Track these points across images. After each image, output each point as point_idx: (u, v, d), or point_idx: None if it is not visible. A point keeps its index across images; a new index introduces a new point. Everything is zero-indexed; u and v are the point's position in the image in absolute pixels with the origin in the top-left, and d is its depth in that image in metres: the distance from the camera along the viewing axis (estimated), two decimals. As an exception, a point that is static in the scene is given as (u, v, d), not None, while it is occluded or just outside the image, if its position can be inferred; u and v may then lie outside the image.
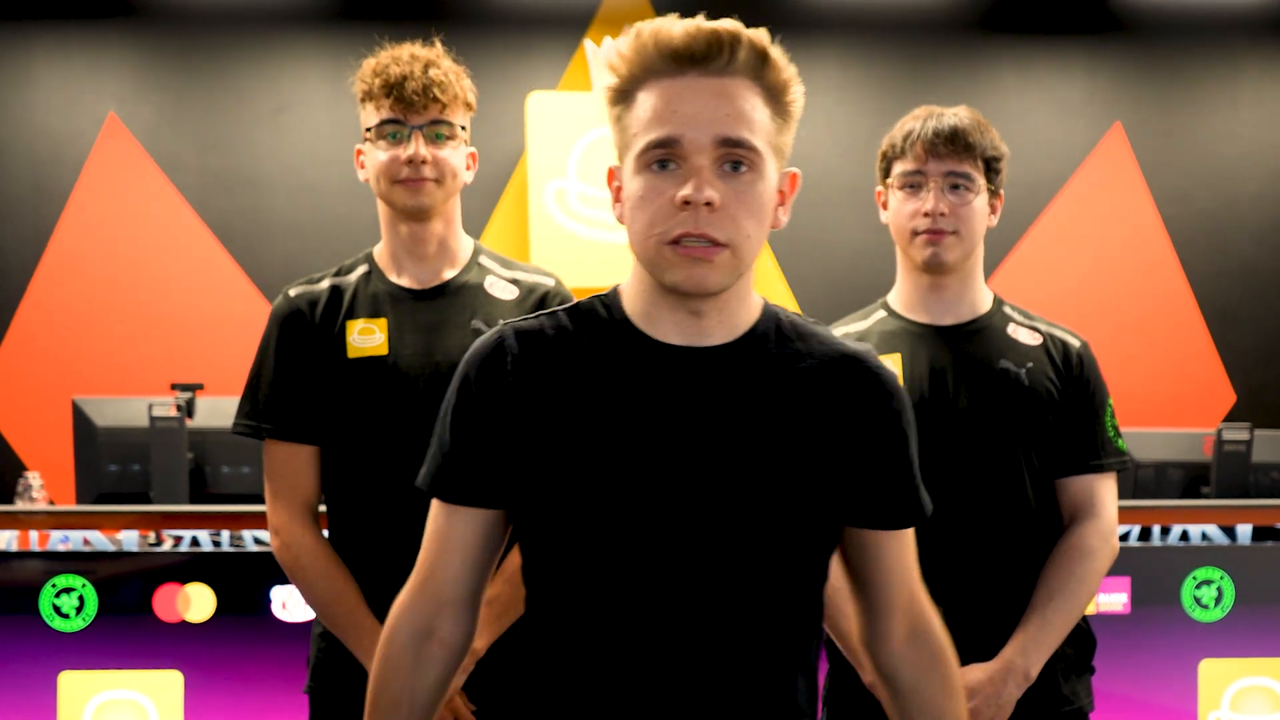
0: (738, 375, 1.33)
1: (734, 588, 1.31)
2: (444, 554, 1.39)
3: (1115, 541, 2.03)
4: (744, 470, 1.31)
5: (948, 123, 1.99)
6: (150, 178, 5.27)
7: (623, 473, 1.30)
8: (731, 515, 1.30)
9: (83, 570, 2.74)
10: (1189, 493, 3.34)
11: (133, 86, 5.31)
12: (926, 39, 5.53)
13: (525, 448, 1.33)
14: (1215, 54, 5.66)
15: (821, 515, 1.34)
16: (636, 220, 1.30)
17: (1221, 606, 2.83)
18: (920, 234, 1.99)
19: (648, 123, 1.28)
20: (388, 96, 1.96)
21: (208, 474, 3.32)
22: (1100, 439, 2.02)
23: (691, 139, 1.27)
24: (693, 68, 1.28)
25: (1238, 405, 5.58)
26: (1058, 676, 2.00)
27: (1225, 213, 5.67)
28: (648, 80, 1.30)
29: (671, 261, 1.28)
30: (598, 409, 1.32)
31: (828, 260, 5.44)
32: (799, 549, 1.34)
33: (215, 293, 5.28)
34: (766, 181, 1.30)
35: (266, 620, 2.76)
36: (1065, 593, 1.96)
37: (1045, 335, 2.05)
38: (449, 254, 2.06)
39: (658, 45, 1.28)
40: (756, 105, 1.29)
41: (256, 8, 5.29)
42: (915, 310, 2.06)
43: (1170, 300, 5.64)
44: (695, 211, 1.26)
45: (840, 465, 1.34)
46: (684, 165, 1.28)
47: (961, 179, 1.98)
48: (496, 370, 1.34)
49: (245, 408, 2.05)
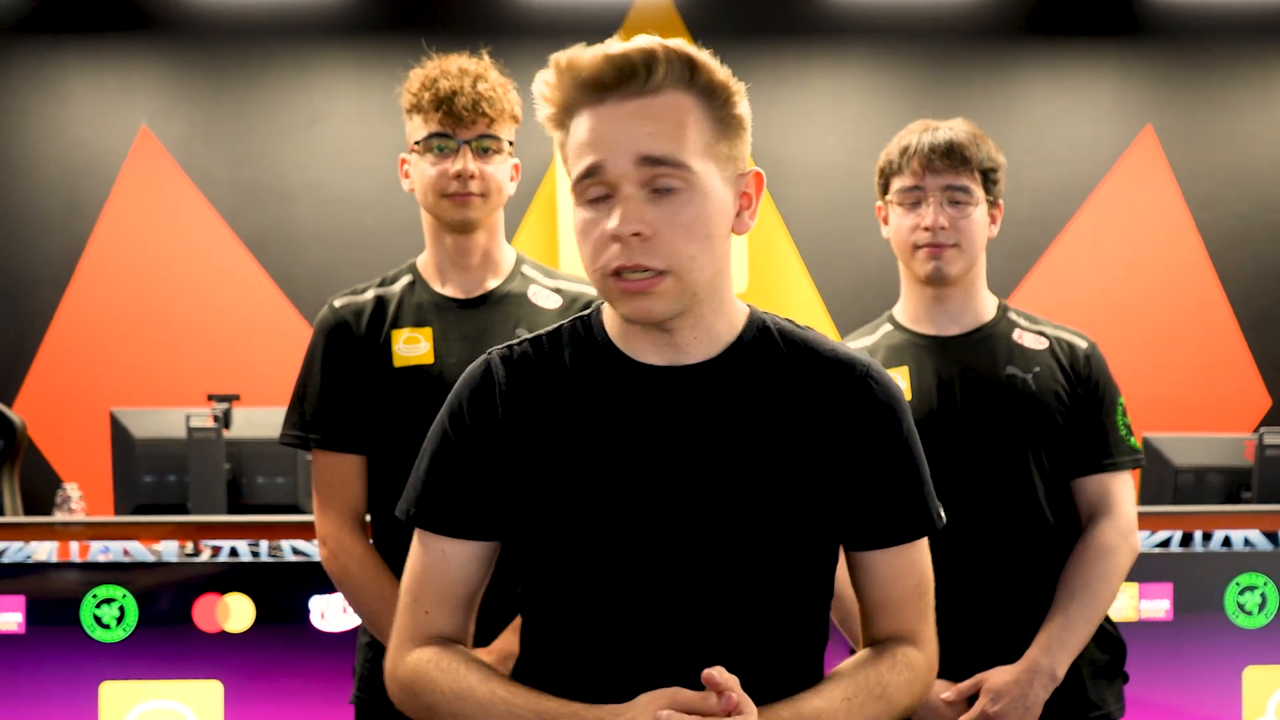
0: (720, 392, 1.30)
1: (732, 608, 1.29)
2: (430, 586, 1.34)
3: (1135, 540, 2.03)
4: (727, 491, 1.28)
5: (943, 136, 2.00)
6: (182, 190, 5.30)
7: (611, 499, 1.28)
8: (722, 536, 1.28)
9: (123, 581, 2.76)
10: (1230, 498, 3.31)
11: (165, 99, 5.34)
12: (956, 43, 5.51)
13: (516, 477, 1.31)
14: (1246, 55, 5.62)
15: (817, 533, 1.31)
16: (582, 254, 1.28)
17: (1265, 613, 2.81)
18: (921, 248, 2.01)
19: (575, 155, 1.26)
20: (437, 110, 1.97)
21: (244, 484, 3.33)
22: (1113, 438, 2.03)
23: (612, 163, 1.24)
24: (611, 93, 1.24)
25: (1274, 409, 5.54)
26: (1085, 681, 2.00)
27: (1259, 215, 5.62)
28: (575, 109, 1.27)
29: (616, 295, 1.26)
30: (583, 434, 1.30)
31: (857, 265, 5.42)
32: (797, 567, 1.31)
33: (246, 304, 5.31)
34: (706, 197, 1.25)
35: (306, 630, 2.76)
36: (1087, 592, 1.96)
37: (1051, 339, 2.06)
38: (493, 264, 2.07)
39: (573, 77, 1.25)
40: (689, 118, 1.24)
41: (287, 21, 5.32)
42: (920, 322, 2.08)
43: (1204, 304, 5.60)
44: (626, 244, 1.23)
45: (834, 479, 1.30)
46: (614, 194, 1.24)
47: (960, 192, 2.00)
48: (486, 400, 1.32)
49: (292, 418, 2.06)
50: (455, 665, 1.31)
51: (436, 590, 1.35)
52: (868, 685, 1.31)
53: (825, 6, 5.35)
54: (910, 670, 1.34)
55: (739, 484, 1.28)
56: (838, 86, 5.41)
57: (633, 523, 1.28)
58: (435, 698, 1.30)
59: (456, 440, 1.33)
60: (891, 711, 1.32)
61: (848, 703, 1.28)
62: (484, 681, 1.29)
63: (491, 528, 1.34)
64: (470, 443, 1.32)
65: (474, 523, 1.33)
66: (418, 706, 1.33)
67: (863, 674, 1.32)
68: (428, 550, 1.35)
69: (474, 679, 1.29)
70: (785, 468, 1.29)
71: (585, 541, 1.29)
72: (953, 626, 1.95)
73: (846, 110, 5.44)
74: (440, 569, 1.34)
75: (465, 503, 1.33)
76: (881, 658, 1.34)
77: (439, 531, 1.34)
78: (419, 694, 1.32)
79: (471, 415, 1.32)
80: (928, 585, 1.38)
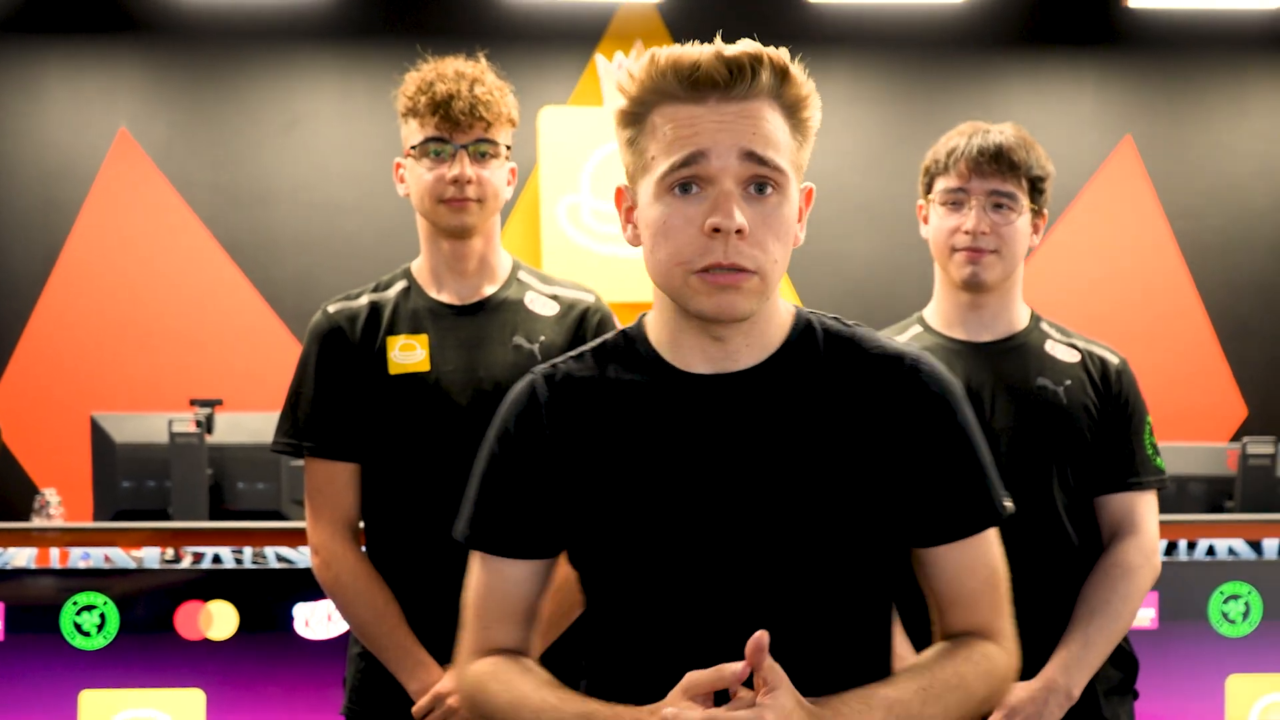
0: (770, 397, 1.29)
1: (796, 612, 1.28)
2: (490, 603, 1.37)
3: (1157, 560, 2.00)
4: (784, 496, 1.27)
5: (993, 140, 1.97)
6: (161, 193, 5.26)
7: (668, 512, 1.28)
8: (782, 542, 1.27)
9: (104, 588, 2.72)
10: (1212, 507, 3.34)
11: (144, 102, 5.30)
12: (938, 52, 5.54)
13: (570, 495, 1.31)
14: (1224, 67, 5.67)
15: (879, 532, 1.30)
16: (659, 249, 1.26)
17: (1249, 621, 2.82)
18: (960, 251, 1.98)
19: (669, 145, 1.25)
20: (433, 114, 1.94)
21: (226, 490, 3.30)
22: (1139, 457, 2.00)
23: (718, 154, 1.23)
24: (713, 93, 1.24)
25: (1250, 419, 5.58)
26: (1099, 698, 1.99)
27: (1236, 226, 5.67)
28: (663, 104, 1.26)
29: (699, 290, 1.25)
30: (634, 449, 1.29)
31: (839, 274, 5.43)
32: (860, 567, 1.30)
33: (226, 309, 5.27)
34: (790, 202, 1.27)
35: (289, 638, 2.74)
36: (1108, 611, 1.94)
37: (1084, 352, 2.03)
38: (489, 270, 2.05)
39: (676, 71, 1.25)
40: (778, 125, 1.26)
41: (268, 24, 5.29)
42: (952, 326, 2.04)
43: (1182, 314, 5.64)
44: (725, 239, 1.23)
45: (891, 477, 1.29)
46: (708, 189, 1.24)
47: (1005, 198, 1.97)
48: (533, 421, 1.33)
49: (285, 425, 2.03)
50: (511, 675, 1.33)
51: (496, 607, 1.37)
52: (943, 675, 1.28)
53: (809, 14, 5.36)
54: (988, 661, 1.31)
55: (795, 488, 1.27)
56: (820, 94, 5.40)
57: (693, 534, 1.28)
58: (493, 706, 1.33)
59: (506, 462, 1.34)
60: (968, 703, 1.28)
61: (922, 692, 1.25)
62: (536, 690, 1.31)
63: (546, 546, 1.36)
64: (520, 464, 1.33)
65: (528, 542, 1.35)
66: (480, 715, 1.36)
67: (938, 664, 1.29)
68: (486, 570, 1.37)
69: (527, 687, 1.31)
70: (841, 468, 1.28)
71: (647, 555, 1.29)
72: None
73: (829, 118, 5.39)
74: (498, 587, 1.37)
75: (518, 524, 1.34)
76: (958, 649, 1.31)
77: (494, 553, 1.36)
78: (479, 704, 1.35)
79: (519, 437, 1.33)
80: (1000, 577, 1.35)
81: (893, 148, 5.46)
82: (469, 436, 1.94)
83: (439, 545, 1.97)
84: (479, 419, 1.95)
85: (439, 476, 1.95)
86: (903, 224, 5.70)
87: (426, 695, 1.95)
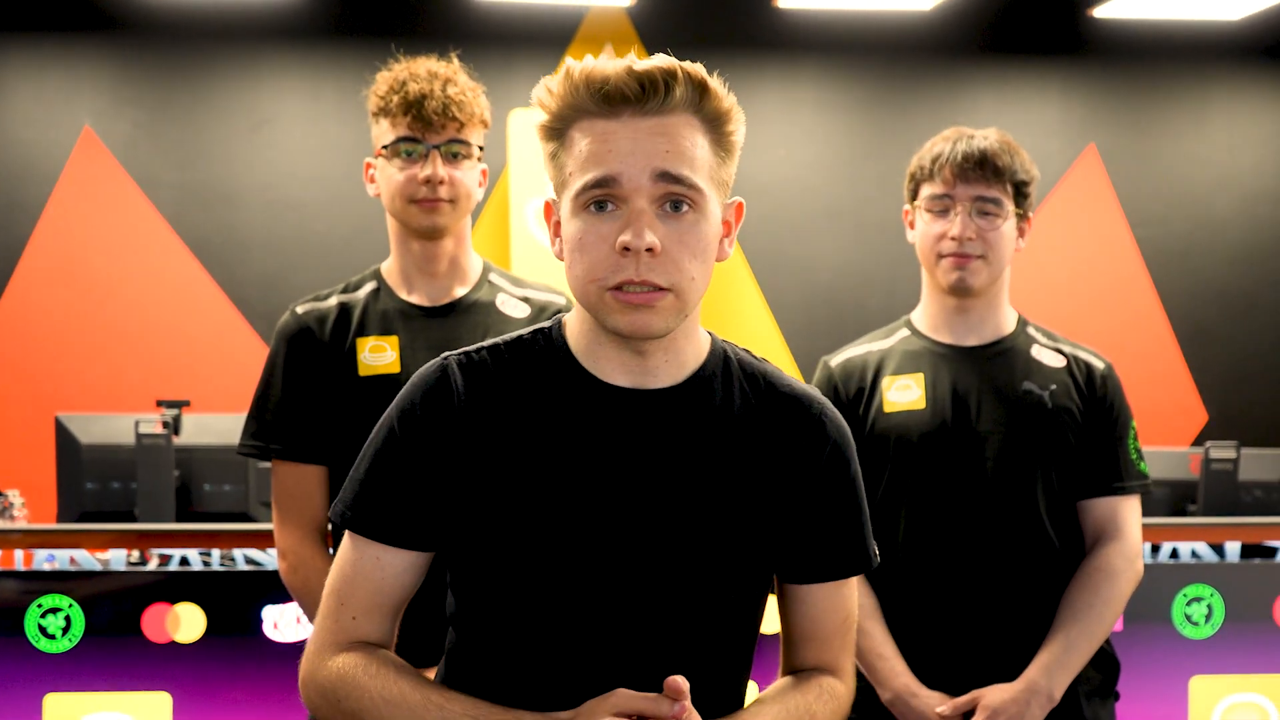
0: (682, 420, 1.30)
1: (666, 631, 1.29)
2: (359, 591, 1.30)
3: (1140, 564, 2.02)
4: (680, 517, 1.28)
5: (977, 146, 1.98)
6: (126, 193, 5.21)
7: (563, 516, 1.27)
8: (665, 561, 1.28)
9: (69, 590, 2.69)
10: (1175, 510, 3.37)
11: (109, 100, 5.25)
12: (905, 60, 5.58)
13: (466, 488, 1.28)
14: (1187, 77, 5.75)
15: (756, 563, 1.32)
16: (575, 264, 1.26)
17: (1212, 623, 2.86)
18: (946, 257, 1.99)
19: (584, 162, 1.24)
20: (406, 114, 1.93)
21: (192, 492, 3.28)
22: (1123, 461, 2.02)
23: (630, 177, 1.23)
24: (627, 107, 1.23)
25: (1210, 425, 5.65)
26: (1080, 699, 2.00)
27: (1198, 234, 5.75)
28: (580, 119, 1.25)
29: (613, 308, 1.25)
30: (541, 449, 1.28)
31: (807, 280, 5.46)
32: (733, 594, 1.32)
33: (191, 309, 5.23)
34: (709, 220, 1.26)
35: (258, 641, 2.72)
36: (1090, 614, 1.96)
37: (1069, 357, 2.05)
38: (460, 271, 2.05)
39: (589, 86, 1.24)
40: (697, 141, 1.25)
41: (235, 22, 5.26)
42: (939, 331, 2.06)
43: (1144, 321, 5.71)
44: (636, 258, 1.22)
45: (779, 512, 1.32)
46: (622, 207, 1.24)
47: (990, 203, 1.98)
48: (442, 405, 1.29)
49: (252, 427, 2.02)
50: (384, 671, 1.27)
51: (365, 596, 1.31)
52: (796, 711, 1.32)
53: (777, 20, 5.39)
54: (835, 700, 1.36)
55: (686, 509, 1.28)
56: (789, 99, 5.44)
57: (579, 542, 1.28)
58: (363, 703, 1.26)
59: (405, 444, 1.29)
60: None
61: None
62: (417, 688, 1.26)
63: (431, 538, 1.31)
64: (419, 448, 1.29)
65: (413, 531, 1.30)
66: (341, 712, 1.28)
67: (791, 700, 1.33)
68: (360, 555, 1.31)
69: (405, 685, 1.26)
70: (733, 497, 1.30)
71: (532, 558, 1.28)
72: (951, 641, 1.95)
73: (797, 124, 5.48)
74: (371, 575, 1.30)
75: (407, 510, 1.29)
76: (809, 686, 1.35)
77: (375, 538, 1.30)
78: (343, 699, 1.28)
79: (424, 419, 1.29)
80: (854, 621, 1.40)
81: (860, 153, 5.50)
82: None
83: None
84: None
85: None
86: (870, 229, 5.77)
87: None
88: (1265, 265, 5.78)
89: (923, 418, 1.98)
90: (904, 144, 2.11)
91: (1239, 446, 3.28)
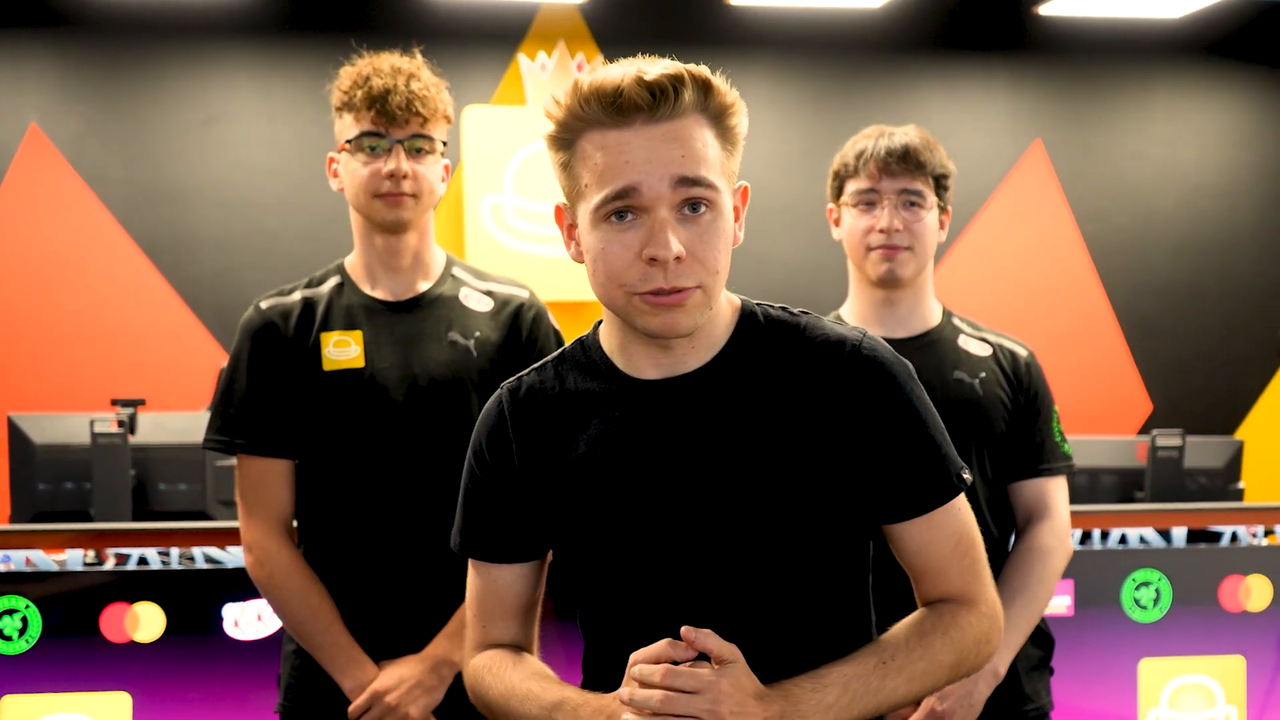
0: (718, 396, 1.32)
1: (768, 602, 1.31)
2: (486, 604, 1.45)
3: (1070, 542, 2.10)
4: (739, 490, 1.30)
5: (900, 141, 2.05)
6: (73, 190, 5.15)
7: (625, 515, 1.32)
8: (745, 535, 1.30)
9: (24, 591, 2.67)
10: (1123, 497, 3.44)
11: (56, 96, 5.19)
12: (855, 57, 5.63)
13: (542, 505, 1.38)
14: (1130, 74, 5.85)
15: (839, 515, 1.33)
16: (600, 273, 1.28)
17: (1160, 607, 2.92)
18: (875, 250, 2.05)
19: (601, 175, 1.26)
20: (369, 109, 1.93)
21: (148, 491, 3.25)
22: (1049, 444, 2.10)
23: (649, 186, 1.25)
24: (638, 116, 1.26)
25: (1155, 414, 5.76)
26: (1020, 675, 2.06)
27: (1140, 228, 5.86)
28: (590, 130, 1.27)
29: (643, 310, 1.28)
30: (594, 455, 1.34)
31: (761, 276, 5.50)
32: (825, 552, 1.33)
33: (143, 308, 5.18)
34: (724, 214, 1.29)
35: (218, 639, 2.70)
36: (1027, 592, 2.02)
37: (994, 346, 2.12)
38: (423, 266, 2.05)
39: (600, 98, 1.26)
40: (706, 139, 1.28)
41: (184, 18, 5.21)
42: (869, 324, 2.11)
43: (1090, 313, 5.80)
44: (664, 266, 1.25)
45: (844, 461, 1.31)
46: (643, 216, 1.26)
47: (915, 196, 2.05)
48: (500, 437, 1.40)
49: (217, 422, 2.02)
50: (503, 667, 1.42)
51: (492, 607, 1.45)
52: (906, 646, 1.31)
53: (729, 17, 5.42)
54: (957, 629, 1.33)
55: (750, 482, 1.30)
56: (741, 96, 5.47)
57: (659, 536, 1.32)
58: (489, 698, 1.42)
59: (482, 478, 1.41)
60: (934, 670, 1.32)
61: (882, 665, 1.29)
62: (524, 680, 1.39)
63: (528, 549, 1.43)
64: (492, 478, 1.40)
65: (510, 548, 1.43)
66: (481, 704, 1.45)
67: (902, 636, 1.33)
68: (479, 574, 1.45)
69: (516, 679, 1.39)
70: (794, 457, 1.31)
71: (618, 560, 1.33)
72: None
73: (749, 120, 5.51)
74: (492, 590, 1.45)
75: (498, 532, 1.42)
76: (926, 618, 1.35)
77: (482, 559, 1.44)
78: (479, 695, 1.44)
79: (490, 454, 1.40)
80: (969, 544, 1.37)
81: (812, 149, 5.54)
82: (404, 432, 1.96)
83: (374, 542, 1.98)
84: (414, 415, 1.97)
85: (374, 473, 1.96)
86: (822, 224, 5.74)
87: (363, 694, 1.96)
88: (1207, 258, 5.90)
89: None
90: (852, 141, 2.17)
91: (1184, 434, 3.35)
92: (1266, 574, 2.94)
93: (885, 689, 1.29)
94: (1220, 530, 3.09)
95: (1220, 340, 5.89)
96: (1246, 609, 2.94)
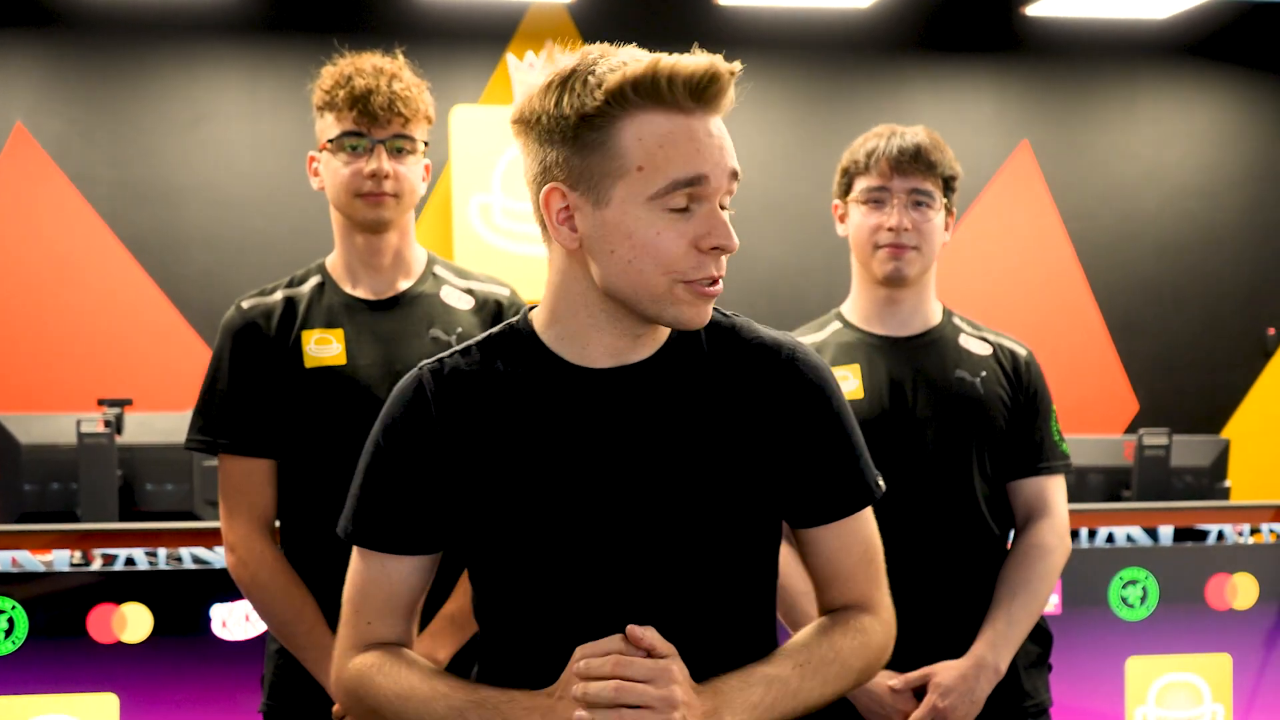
0: (661, 387, 1.32)
1: (683, 595, 1.31)
2: (371, 599, 1.37)
3: (1069, 540, 2.10)
4: (667, 484, 1.30)
5: (911, 141, 2.05)
6: (59, 190, 5.14)
7: (558, 503, 1.30)
8: (665, 528, 1.30)
9: (11, 592, 2.66)
10: (1110, 496, 3.46)
11: (41, 95, 5.17)
12: (843, 57, 5.65)
13: (459, 489, 1.32)
14: (1116, 74, 5.88)
15: (758, 515, 1.34)
16: (641, 259, 1.25)
17: (1146, 605, 2.93)
18: (883, 248, 2.05)
19: (668, 159, 1.24)
20: (351, 108, 1.93)
21: (135, 491, 3.25)
22: (1047, 443, 2.10)
23: (715, 177, 1.26)
24: (700, 106, 1.26)
25: (1141, 413, 5.79)
26: (1019, 672, 2.07)
27: (1126, 227, 5.88)
28: (642, 110, 1.24)
29: (684, 299, 1.27)
30: (524, 442, 1.31)
31: (746, 274, 5.50)
32: (741, 550, 1.34)
33: (130, 307, 5.17)
34: None
35: (206, 640, 2.70)
36: (1028, 590, 2.03)
37: (994, 345, 2.13)
38: (404, 265, 2.05)
39: (686, 83, 1.24)
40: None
41: (171, 18, 5.20)
42: (871, 322, 2.11)
43: (1076, 312, 5.83)
44: (719, 257, 1.27)
45: (770, 462, 1.33)
46: (695, 205, 1.26)
47: (924, 196, 2.05)
48: (420, 415, 1.33)
49: (199, 422, 2.01)
50: (396, 667, 1.33)
51: (378, 603, 1.37)
52: (820, 650, 1.33)
53: (717, 17, 5.43)
54: (863, 634, 1.36)
55: (677, 477, 1.30)
56: (729, 96, 5.48)
57: (579, 522, 1.30)
58: (378, 699, 1.33)
59: (391, 457, 1.34)
60: (845, 675, 1.34)
61: (800, 668, 1.31)
62: (425, 680, 1.31)
63: (429, 541, 1.36)
64: (406, 459, 1.33)
65: (411, 538, 1.35)
66: (363, 710, 1.35)
67: (814, 640, 1.35)
68: (368, 566, 1.37)
69: (415, 679, 1.31)
70: (722, 455, 1.31)
71: (535, 546, 1.30)
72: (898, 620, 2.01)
73: (736, 119, 5.51)
74: (380, 583, 1.36)
75: (402, 520, 1.34)
76: (834, 625, 1.37)
77: (377, 549, 1.36)
78: (363, 698, 1.34)
79: (406, 432, 1.33)
80: (875, 552, 1.40)
81: (799, 149, 5.56)
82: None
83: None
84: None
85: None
86: (809, 223, 5.82)
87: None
88: (1191, 257, 5.93)
89: (862, 407, 2.03)
90: (841, 139, 2.17)
91: (1170, 433, 3.36)
92: (1252, 572, 2.95)
93: (803, 691, 1.31)
94: (1207, 529, 3.11)
95: (1205, 339, 5.92)
96: (1233, 607, 2.95)
